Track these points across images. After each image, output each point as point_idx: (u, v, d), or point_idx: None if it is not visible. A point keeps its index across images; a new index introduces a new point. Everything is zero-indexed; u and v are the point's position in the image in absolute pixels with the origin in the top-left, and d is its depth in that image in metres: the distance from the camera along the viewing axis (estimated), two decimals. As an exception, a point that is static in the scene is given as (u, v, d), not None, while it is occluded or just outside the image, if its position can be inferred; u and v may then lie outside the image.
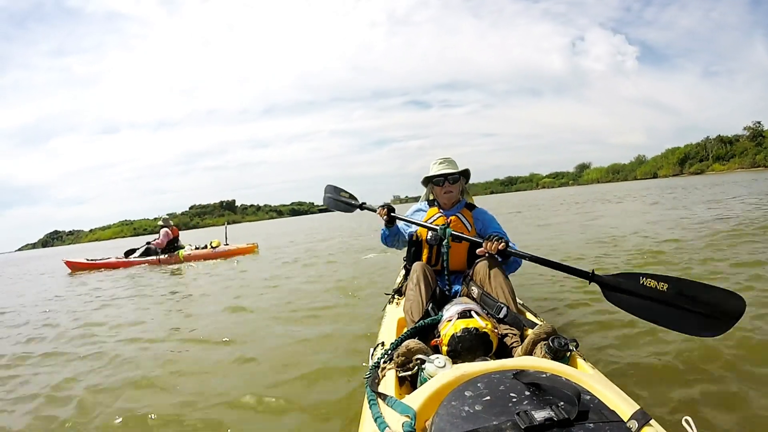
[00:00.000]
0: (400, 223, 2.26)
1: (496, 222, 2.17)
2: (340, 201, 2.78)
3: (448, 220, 2.08)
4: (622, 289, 1.46)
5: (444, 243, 1.95)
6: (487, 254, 1.79)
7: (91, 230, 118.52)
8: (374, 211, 2.41)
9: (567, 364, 1.18)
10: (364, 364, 2.14)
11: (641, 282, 1.41)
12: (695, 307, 1.26)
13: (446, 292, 1.99)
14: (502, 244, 1.70)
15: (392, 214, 2.19)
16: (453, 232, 1.92)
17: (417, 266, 1.82)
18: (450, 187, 2.12)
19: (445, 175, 2.10)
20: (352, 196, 2.76)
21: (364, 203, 2.66)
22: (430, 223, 2.10)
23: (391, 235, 2.29)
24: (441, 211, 2.15)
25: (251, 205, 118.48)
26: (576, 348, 1.29)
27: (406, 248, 2.27)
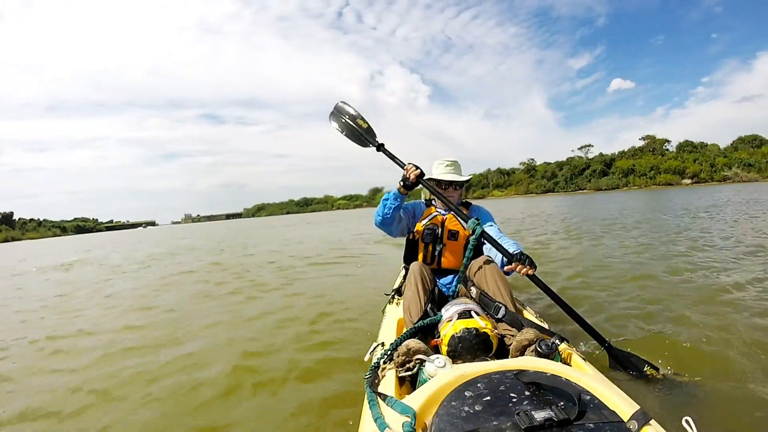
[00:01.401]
0: (404, 212, 2.10)
1: (491, 218, 2.16)
2: (355, 128, 2.28)
3: (444, 219, 2.09)
4: (627, 368, 1.79)
5: (472, 239, 1.80)
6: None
7: None
8: (395, 161, 2.11)
9: (565, 364, 1.19)
10: (364, 363, 2.14)
11: (645, 369, 1.76)
12: None
13: (444, 292, 2.00)
14: (531, 270, 1.70)
15: (422, 178, 1.93)
16: (484, 231, 1.82)
17: (414, 266, 1.82)
18: (453, 193, 2.12)
19: (452, 183, 2.10)
20: (371, 129, 2.28)
21: (383, 145, 2.22)
22: (427, 221, 2.11)
23: (397, 210, 2.00)
24: (438, 210, 2.15)
25: (31, 220, 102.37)
26: (566, 342, 1.35)
27: (404, 247, 2.26)
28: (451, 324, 1.44)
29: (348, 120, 2.30)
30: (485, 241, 1.85)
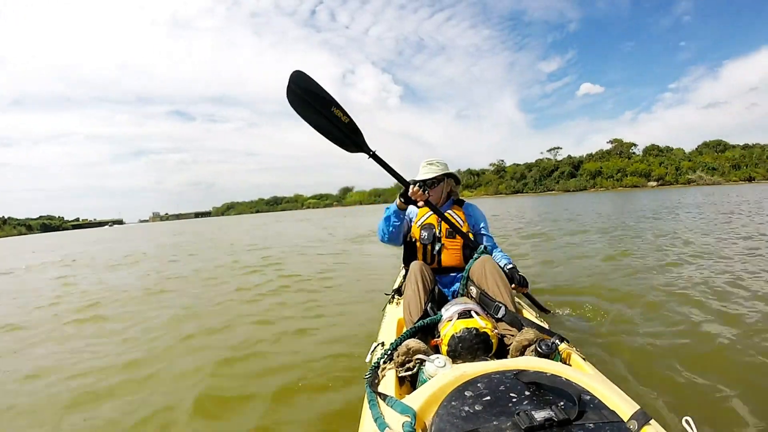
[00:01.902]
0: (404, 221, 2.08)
1: (484, 222, 2.21)
2: (333, 124, 1.78)
3: (440, 219, 2.10)
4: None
5: (477, 253, 1.89)
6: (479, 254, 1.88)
7: None
8: (395, 176, 1.90)
9: (565, 364, 1.19)
10: (364, 363, 2.14)
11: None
12: None
13: (444, 292, 2.00)
14: (526, 289, 2.02)
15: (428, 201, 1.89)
16: (486, 252, 1.92)
17: (414, 266, 1.82)
18: (430, 192, 2.11)
19: (423, 181, 2.11)
20: (353, 125, 1.81)
21: (376, 152, 1.89)
22: (422, 221, 2.11)
23: (400, 224, 2.02)
24: (431, 210, 2.16)
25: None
26: (565, 342, 1.35)
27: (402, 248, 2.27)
28: (451, 324, 1.43)
29: (318, 105, 1.74)
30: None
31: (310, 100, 1.72)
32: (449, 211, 2.14)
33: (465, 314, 1.49)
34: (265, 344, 2.76)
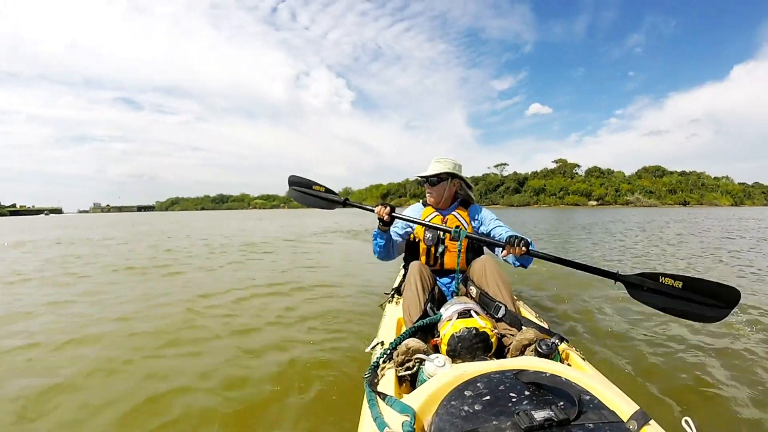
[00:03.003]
0: (393, 229, 2.11)
1: (493, 217, 2.15)
2: (312, 195, 2.37)
3: (445, 219, 2.09)
4: (645, 288, 1.57)
5: (458, 242, 1.83)
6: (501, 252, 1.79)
7: None
8: (364, 209, 2.18)
9: (565, 364, 1.18)
10: (363, 363, 2.14)
11: (661, 281, 1.55)
12: (704, 299, 1.46)
13: (444, 292, 2.00)
14: (524, 248, 1.69)
15: (393, 214, 1.97)
16: (468, 234, 1.84)
17: (414, 266, 1.81)
18: (430, 189, 2.13)
19: (425, 178, 2.12)
20: (329, 190, 2.37)
21: (347, 199, 2.30)
22: (426, 222, 2.10)
23: (386, 243, 2.10)
24: (437, 210, 2.15)
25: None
26: (565, 342, 1.35)
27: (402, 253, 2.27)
28: (450, 323, 1.43)
29: (300, 189, 2.41)
30: (478, 243, 1.91)
31: (301, 189, 2.40)
32: (453, 213, 2.13)
33: (465, 314, 1.48)
34: (265, 344, 2.76)
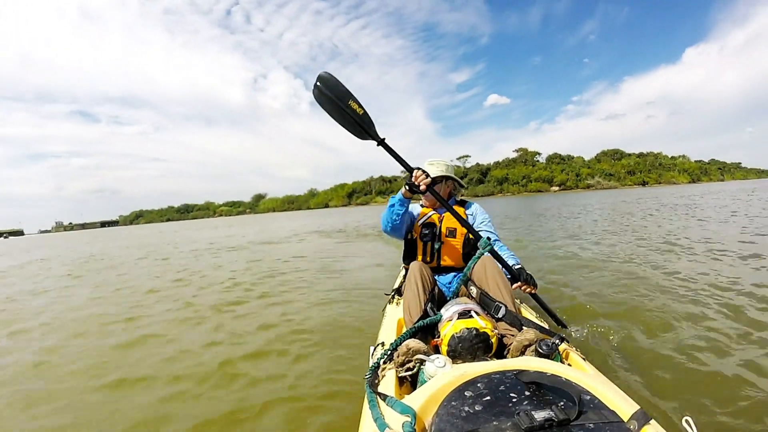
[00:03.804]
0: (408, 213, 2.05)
1: (485, 217, 2.21)
2: (347, 113, 1.94)
3: (441, 217, 2.10)
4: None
5: (481, 251, 1.83)
6: (483, 252, 1.85)
7: None
8: (400, 160, 1.98)
9: (565, 364, 1.19)
10: (364, 363, 2.14)
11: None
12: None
13: (444, 292, 2.00)
14: (534, 289, 1.88)
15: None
16: (493, 250, 1.85)
17: (414, 266, 1.82)
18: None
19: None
20: (367, 116, 1.97)
21: (385, 140, 1.98)
22: (424, 221, 2.12)
23: (404, 215, 1.97)
24: (433, 209, 2.17)
25: None
26: (565, 342, 1.36)
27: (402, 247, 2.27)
28: (451, 324, 1.43)
29: (337, 100, 1.93)
30: (499, 260, 1.92)
31: (332, 96, 1.93)
32: (450, 211, 2.14)
33: (465, 314, 1.49)
34: (264, 345, 2.76)
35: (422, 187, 1.86)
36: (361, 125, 1.96)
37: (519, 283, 1.84)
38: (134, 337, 3.10)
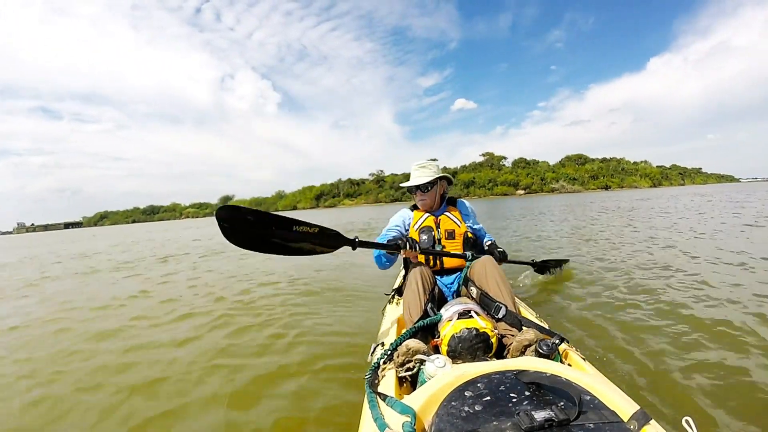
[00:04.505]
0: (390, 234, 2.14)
1: (474, 213, 2.32)
2: (309, 241, 1.61)
3: (438, 220, 2.10)
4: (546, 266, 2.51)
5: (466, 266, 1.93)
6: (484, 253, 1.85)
7: None
8: (385, 247, 1.82)
9: (565, 364, 1.19)
10: (364, 363, 2.14)
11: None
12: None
13: (444, 292, 2.00)
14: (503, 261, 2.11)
15: (420, 249, 1.86)
16: (476, 262, 1.83)
17: (414, 266, 1.82)
18: (423, 196, 2.15)
19: (417, 186, 2.14)
20: (325, 229, 1.65)
21: (357, 237, 1.77)
22: (420, 225, 2.12)
23: (390, 259, 2.14)
24: (428, 213, 2.17)
25: None
26: (565, 342, 1.36)
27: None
28: (451, 324, 1.43)
29: (292, 237, 1.57)
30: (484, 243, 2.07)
31: (293, 236, 1.55)
32: (446, 214, 2.15)
33: (465, 314, 1.49)
34: (263, 344, 2.76)
35: (419, 258, 1.93)
36: (332, 244, 1.67)
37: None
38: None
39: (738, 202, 14.31)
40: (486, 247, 2.28)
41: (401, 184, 2.24)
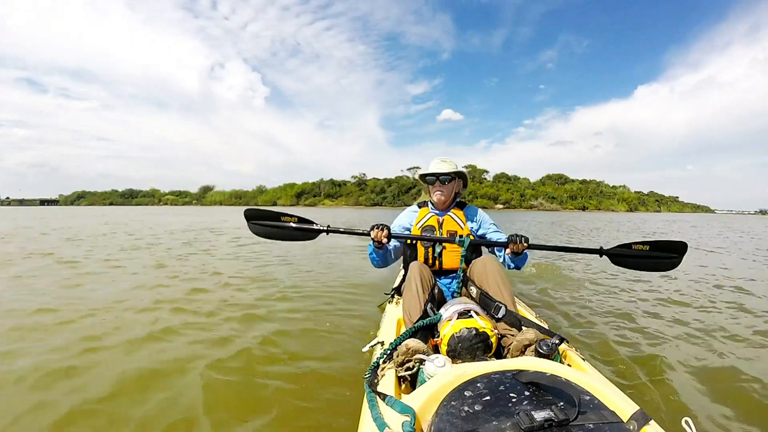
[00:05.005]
0: (392, 244, 2.15)
1: (491, 221, 2.22)
2: (281, 229, 2.14)
3: (441, 220, 2.10)
4: (624, 256, 1.95)
5: (462, 251, 1.93)
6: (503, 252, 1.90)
7: None
8: (355, 234, 2.09)
9: (565, 364, 1.19)
10: (363, 363, 2.14)
11: (633, 248, 1.95)
12: (665, 254, 1.93)
13: (444, 292, 2.00)
14: (525, 243, 1.86)
15: (391, 233, 1.98)
16: (473, 241, 1.95)
17: (414, 266, 1.82)
18: (441, 187, 2.13)
19: (437, 175, 2.11)
20: (303, 220, 2.14)
21: (329, 226, 2.10)
22: (423, 223, 2.12)
23: (384, 254, 2.13)
24: (433, 211, 2.17)
25: None
26: (565, 342, 1.36)
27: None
28: (450, 324, 1.43)
29: (271, 224, 2.15)
30: (484, 244, 1.98)
31: (268, 224, 2.16)
32: (450, 214, 2.15)
33: (465, 314, 1.48)
34: (264, 345, 2.76)
35: (384, 241, 1.96)
36: (303, 230, 2.13)
37: (510, 246, 1.88)
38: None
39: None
40: (505, 240, 2.06)
41: (419, 172, 2.19)
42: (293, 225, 2.11)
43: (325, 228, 2.09)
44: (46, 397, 2.00)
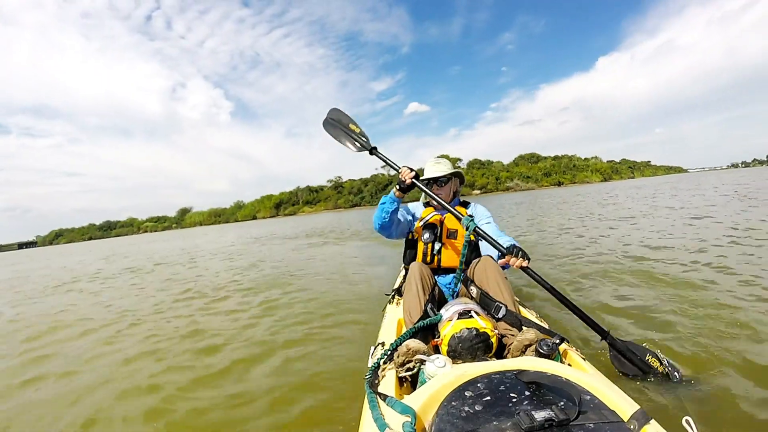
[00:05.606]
0: (402, 214, 2.13)
1: (487, 214, 2.22)
2: (347, 132, 2.36)
3: (443, 218, 2.11)
4: (627, 357, 1.75)
5: (466, 235, 1.84)
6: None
7: None
8: (390, 164, 2.17)
9: (565, 364, 1.19)
10: (364, 364, 2.14)
11: (647, 359, 1.74)
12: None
13: (444, 292, 2.00)
14: (525, 262, 1.71)
15: (414, 180, 1.99)
16: (477, 227, 1.86)
17: (414, 266, 1.82)
18: (438, 190, 2.15)
19: (434, 179, 2.14)
20: (363, 133, 2.33)
21: (376, 148, 2.26)
22: (426, 221, 2.13)
23: (394, 213, 2.03)
24: (435, 210, 2.18)
25: None
26: (566, 342, 1.36)
27: (403, 247, 2.29)
28: (451, 324, 1.43)
29: (340, 126, 2.40)
30: (481, 239, 1.88)
31: (339, 123, 2.41)
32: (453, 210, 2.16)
33: (465, 314, 1.49)
34: (264, 345, 2.76)
35: (407, 181, 1.96)
36: (358, 140, 2.30)
37: (507, 256, 1.73)
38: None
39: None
40: (505, 249, 1.89)
41: (425, 176, 2.18)
42: (353, 135, 2.32)
43: (371, 148, 2.27)
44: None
